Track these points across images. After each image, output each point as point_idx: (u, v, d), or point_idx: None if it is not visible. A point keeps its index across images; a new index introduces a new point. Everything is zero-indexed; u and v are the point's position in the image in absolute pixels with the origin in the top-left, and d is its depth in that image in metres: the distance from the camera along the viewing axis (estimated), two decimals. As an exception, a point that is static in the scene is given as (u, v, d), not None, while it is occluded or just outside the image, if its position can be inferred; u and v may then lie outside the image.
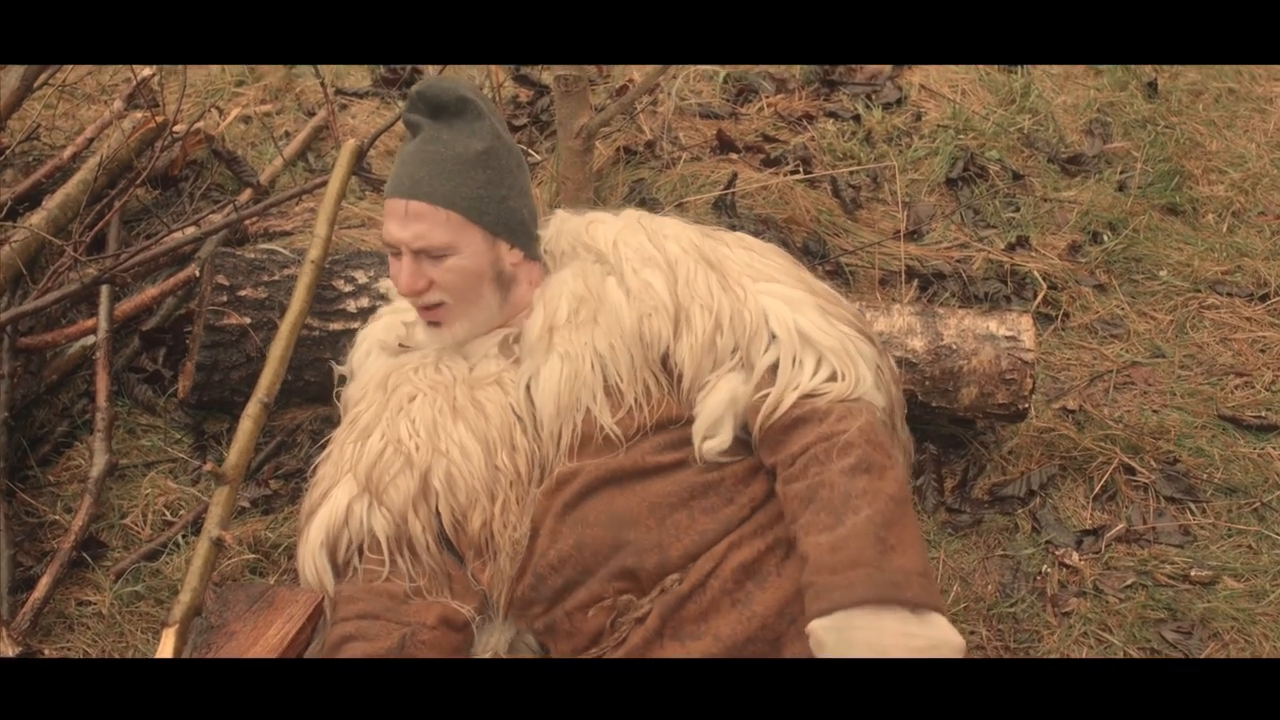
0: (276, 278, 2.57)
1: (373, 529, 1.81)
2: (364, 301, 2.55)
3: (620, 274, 1.83)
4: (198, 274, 2.68)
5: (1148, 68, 3.69)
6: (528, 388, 1.83)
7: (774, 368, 1.74)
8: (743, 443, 1.78)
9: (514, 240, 1.89)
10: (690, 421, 1.77)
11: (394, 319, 2.07)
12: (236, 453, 2.12)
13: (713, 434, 1.75)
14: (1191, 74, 3.68)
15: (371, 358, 2.03)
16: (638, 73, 3.63)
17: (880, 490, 1.60)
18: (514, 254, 1.89)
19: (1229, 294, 2.98)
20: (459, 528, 1.81)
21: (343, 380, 2.09)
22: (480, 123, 1.85)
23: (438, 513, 1.81)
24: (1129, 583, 2.33)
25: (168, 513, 2.45)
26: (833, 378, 1.73)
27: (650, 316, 1.79)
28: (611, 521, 1.72)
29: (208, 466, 2.01)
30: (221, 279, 2.54)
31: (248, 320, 2.52)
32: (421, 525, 1.81)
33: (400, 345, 2.00)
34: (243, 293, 2.54)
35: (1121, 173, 3.33)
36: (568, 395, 1.77)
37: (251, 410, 2.19)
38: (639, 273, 1.82)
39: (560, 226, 1.97)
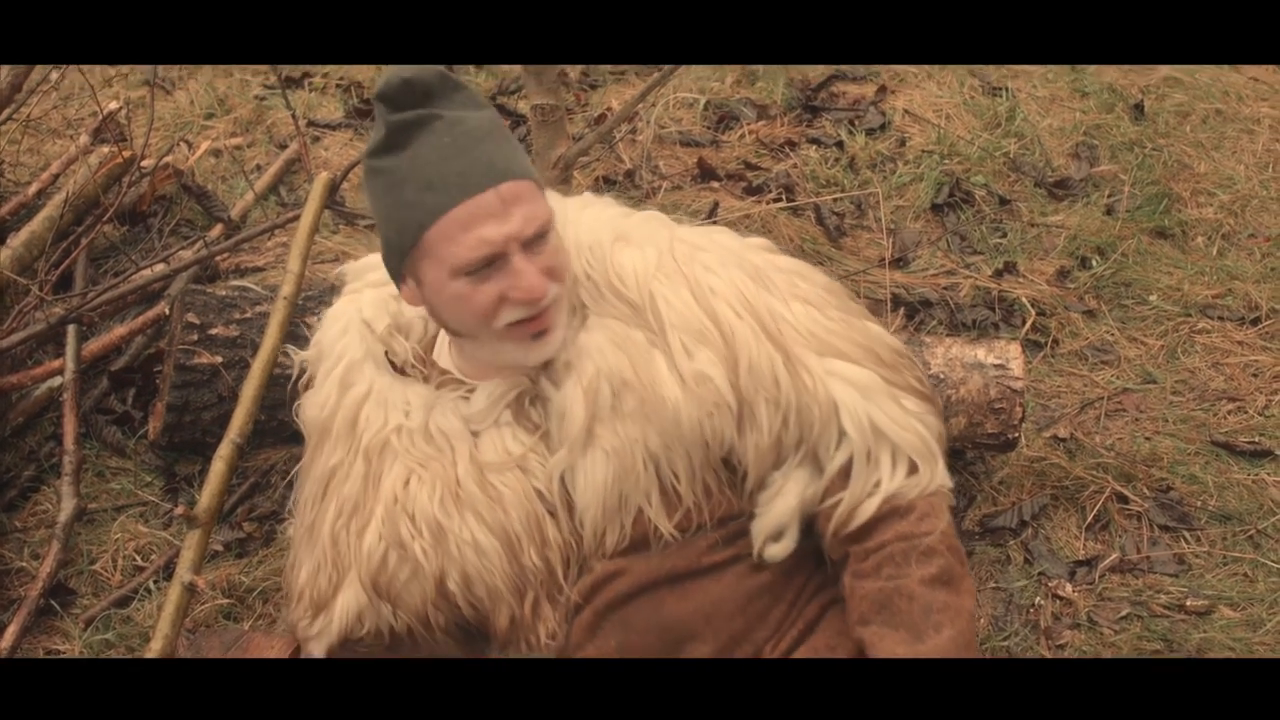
0: (248, 315, 2.59)
1: (390, 625, 1.70)
2: (339, 338, 2.58)
3: (668, 350, 1.60)
4: (167, 312, 2.70)
5: (1134, 89, 3.76)
6: (562, 477, 1.63)
7: (846, 469, 1.61)
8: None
9: None
10: (750, 516, 1.64)
11: (381, 294, 1.76)
12: (209, 495, 2.13)
13: (777, 538, 1.63)
14: (1178, 95, 3.75)
15: (348, 338, 1.73)
16: (616, 100, 3.68)
17: (961, 608, 1.56)
18: None
19: (1220, 318, 3.03)
20: (483, 620, 1.68)
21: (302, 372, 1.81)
22: (465, 90, 1.59)
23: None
24: (1124, 614, 2.36)
25: (138, 558, 2.46)
26: (911, 470, 1.62)
27: (711, 416, 1.59)
28: (663, 631, 1.63)
29: (179, 510, 2.02)
30: (192, 317, 2.56)
31: (219, 359, 2.54)
32: (444, 618, 1.68)
33: (388, 355, 1.71)
34: (214, 331, 2.56)
35: (1109, 196, 3.39)
36: (614, 496, 1.60)
37: (224, 451, 2.20)
38: (692, 355, 1.59)
39: (564, 230, 1.66)
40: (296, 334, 2.54)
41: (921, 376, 1.70)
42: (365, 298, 1.76)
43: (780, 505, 1.61)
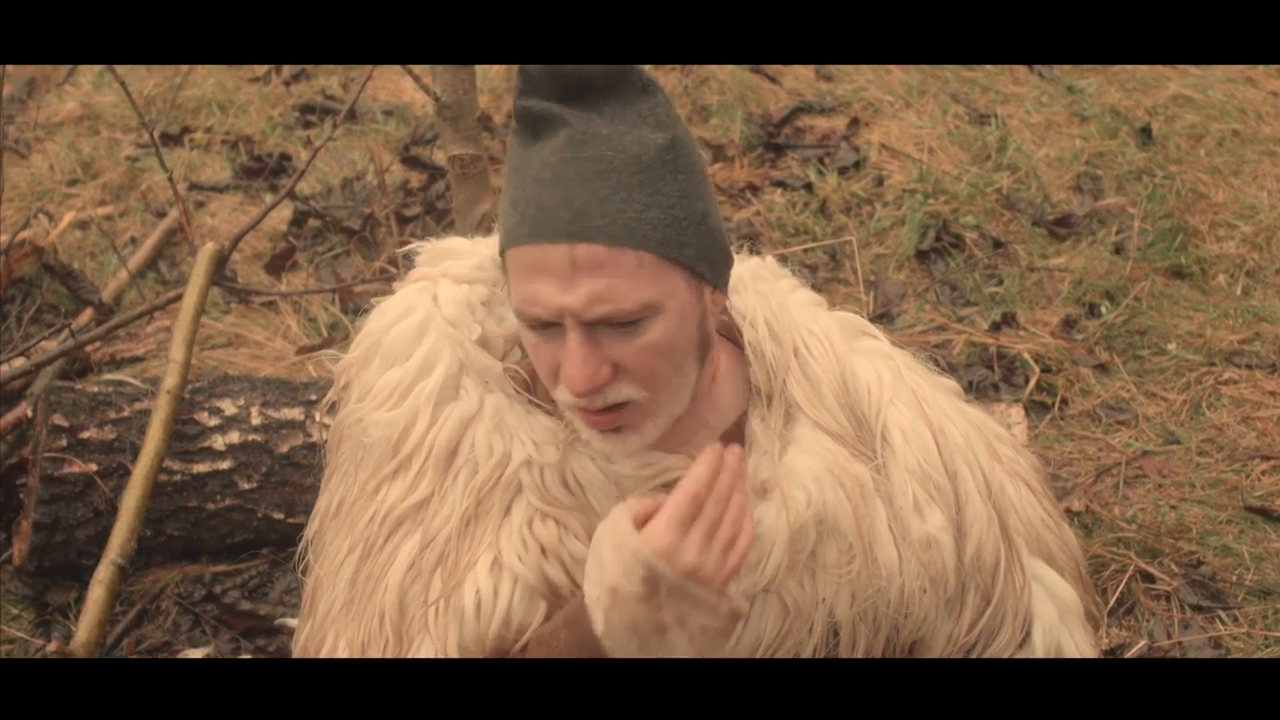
0: (126, 414, 2.64)
1: None
2: (233, 437, 2.63)
3: (891, 498, 1.55)
4: (30, 414, 2.73)
5: (1140, 111, 3.93)
6: None
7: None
8: None
9: (717, 278, 1.50)
10: None
11: (463, 293, 1.61)
12: (87, 627, 2.18)
13: None
14: (1189, 115, 3.92)
15: (432, 341, 1.57)
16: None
17: None
18: (717, 299, 1.51)
19: (1248, 366, 3.15)
20: None
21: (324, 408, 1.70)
22: (650, 99, 1.45)
23: None
24: (1157, 711, 2.44)
25: (4, 706, 2.47)
26: None
27: (925, 592, 1.55)
28: None
29: (52, 646, 2.07)
30: (59, 419, 2.60)
31: (93, 467, 2.57)
32: None
33: (509, 370, 1.58)
34: (86, 434, 2.60)
35: (1117, 233, 3.52)
36: (766, 651, 1.54)
37: (103, 575, 2.25)
38: (924, 514, 1.55)
39: (763, 309, 1.59)
40: (183, 433, 2.59)
41: (1098, 601, 1.77)
42: (443, 293, 1.61)
43: None
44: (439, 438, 1.54)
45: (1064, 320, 3.27)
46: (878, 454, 1.56)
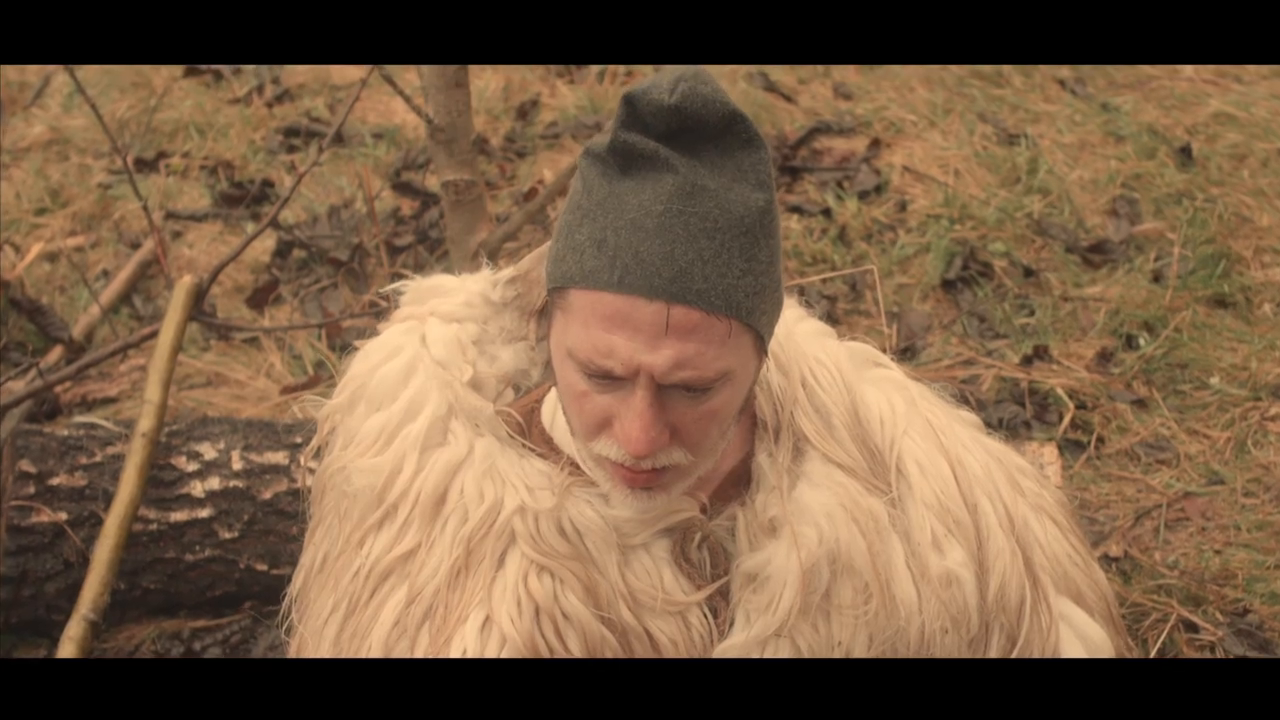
0: (98, 459, 2.65)
1: None
2: (213, 483, 2.64)
3: (908, 534, 1.59)
4: (-3, 459, 2.76)
5: (1179, 130, 3.95)
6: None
7: None
8: None
9: (769, 343, 1.54)
10: None
11: (452, 333, 1.66)
12: (57, 685, 2.19)
13: None
14: (1231, 134, 3.94)
15: (420, 383, 1.60)
16: (549, 170, 3.82)
17: None
18: (762, 362, 1.54)
19: (1297, 400, 3.17)
20: None
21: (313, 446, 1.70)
22: (753, 154, 1.45)
23: None
24: (1202, 772, 2.44)
25: (-33, 772, 2.49)
26: None
27: (947, 632, 1.58)
28: None
29: (21, 705, 2.08)
30: (27, 465, 2.61)
31: (64, 516, 2.59)
32: None
33: (503, 413, 1.62)
34: (55, 481, 2.62)
35: (1156, 260, 3.54)
36: None
37: (74, 631, 2.26)
38: (944, 552, 1.59)
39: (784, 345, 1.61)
40: (159, 479, 2.61)
41: (1130, 644, 1.78)
42: (432, 332, 1.65)
43: None
44: (425, 485, 1.57)
45: (1100, 353, 3.29)
46: (892, 487, 1.60)
